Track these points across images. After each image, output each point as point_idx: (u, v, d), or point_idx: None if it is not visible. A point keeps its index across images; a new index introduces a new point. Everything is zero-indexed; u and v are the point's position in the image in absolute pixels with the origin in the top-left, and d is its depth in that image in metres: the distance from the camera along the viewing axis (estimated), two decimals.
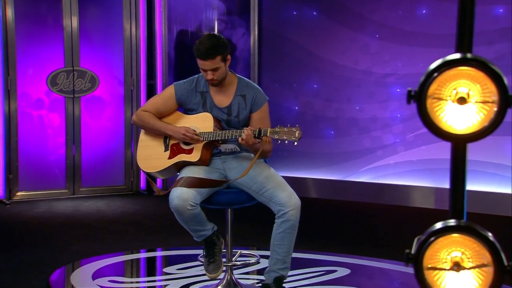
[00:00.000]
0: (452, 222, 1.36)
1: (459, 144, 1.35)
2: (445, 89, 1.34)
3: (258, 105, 3.37)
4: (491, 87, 1.29)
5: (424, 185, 6.21)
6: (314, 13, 6.83)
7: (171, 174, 3.42)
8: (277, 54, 6.98)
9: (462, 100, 1.33)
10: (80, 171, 6.78)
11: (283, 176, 3.30)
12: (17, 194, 6.47)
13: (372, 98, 6.49)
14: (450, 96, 1.34)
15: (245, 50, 6.97)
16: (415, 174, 6.30)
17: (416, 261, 1.34)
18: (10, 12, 6.34)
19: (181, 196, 3.06)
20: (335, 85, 6.69)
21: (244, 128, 3.13)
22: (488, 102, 1.30)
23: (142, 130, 3.48)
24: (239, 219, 3.91)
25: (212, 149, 3.33)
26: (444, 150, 5.82)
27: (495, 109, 1.30)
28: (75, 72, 6.68)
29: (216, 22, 6.96)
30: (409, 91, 1.35)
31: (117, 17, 6.95)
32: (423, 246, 1.34)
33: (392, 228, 5.40)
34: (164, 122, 3.39)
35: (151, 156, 3.39)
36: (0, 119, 6.33)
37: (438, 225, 1.36)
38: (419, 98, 1.35)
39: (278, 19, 6.97)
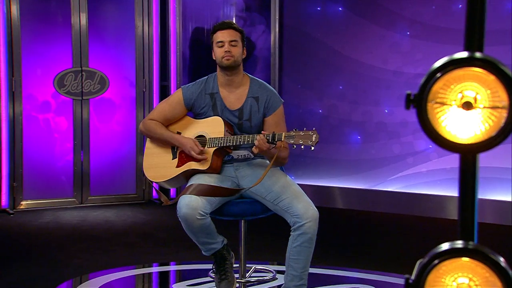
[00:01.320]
0: (459, 243, 1.30)
1: (468, 155, 1.31)
2: (449, 92, 1.29)
3: (273, 108, 3.39)
4: (501, 91, 1.25)
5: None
6: (340, 9, 6.84)
7: (180, 184, 3.46)
8: (300, 53, 6.99)
9: (468, 105, 1.28)
10: (88, 178, 6.86)
11: (306, 185, 3.34)
12: (22, 203, 6.57)
13: (402, 100, 6.46)
14: (455, 100, 1.29)
15: (264, 49, 7.00)
16: (449, 183, 6.25)
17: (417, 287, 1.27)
18: (15, 9, 6.45)
19: (190, 204, 3.09)
20: (362, 86, 6.68)
21: (258, 134, 3.16)
22: (498, 107, 1.26)
23: (148, 139, 3.53)
24: (253, 231, 3.92)
25: (223, 155, 3.35)
26: (480, 157, 5.75)
27: (505, 115, 1.25)
28: (83, 73, 6.76)
29: (234, 19, 7.00)
30: (408, 95, 1.30)
31: (129, 14, 7.03)
32: (425, 271, 1.28)
33: (423, 242, 5.36)
34: (171, 132, 3.43)
35: (158, 164, 3.42)
36: (4, 123, 6.43)
37: (444, 246, 1.31)
38: (419, 102, 1.30)
39: (300, 16, 6.98)
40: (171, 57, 7.10)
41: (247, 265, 3.45)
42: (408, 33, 6.44)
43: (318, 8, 6.94)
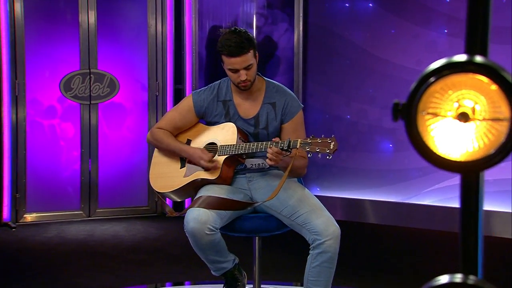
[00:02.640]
0: (458, 277, 1.23)
1: (469, 175, 1.23)
2: (444, 101, 1.21)
3: (291, 114, 3.36)
4: (503, 101, 1.17)
5: (503, 210, 6.06)
6: (370, 5, 6.78)
7: (188, 195, 3.47)
8: (326, 53, 6.95)
9: (465, 117, 1.20)
10: (96, 189, 6.88)
11: (333, 197, 3.31)
12: (25, 216, 6.60)
13: None
14: (450, 110, 1.22)
15: (287, 49, 6.96)
16: (492, 196, 6.15)
17: None
18: (18, 7, 6.49)
19: (199, 218, 3.07)
20: (394, 90, 6.61)
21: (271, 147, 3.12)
22: (499, 119, 1.18)
23: None
24: (268, 248, 3.88)
25: (235, 165, 3.34)
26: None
27: (507, 129, 1.18)
28: (92, 75, 6.79)
29: (254, 16, 6.97)
30: (396, 104, 1.22)
31: (141, 12, 7.04)
32: None
33: None
34: (179, 142, 3.43)
35: (166, 174, 3.43)
36: (6, 129, 6.47)
37: (443, 279, 1.24)
38: (407, 112, 1.22)
39: (327, 13, 6.95)
40: (186, 58, 7.09)
41: (262, 286, 3.42)
42: (445, 30, 6.36)
43: (346, 4, 6.90)
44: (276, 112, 3.36)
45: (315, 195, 3.31)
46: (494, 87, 1.17)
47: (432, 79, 1.21)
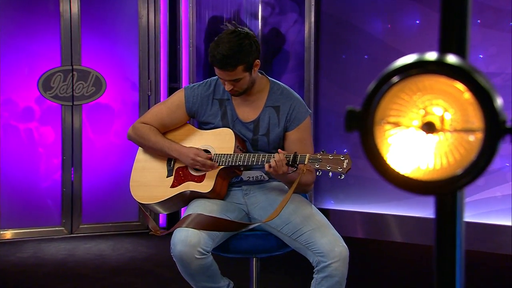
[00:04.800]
0: None
1: (444, 197, 1.16)
2: (406, 109, 1.13)
3: (297, 121, 3.34)
4: (475, 109, 1.10)
5: None
6: None
7: (175, 208, 3.46)
8: (341, 47, 6.93)
9: (430, 128, 1.12)
10: (80, 202, 6.87)
11: (351, 212, 3.29)
12: None
13: None
14: (416, 119, 1.13)
15: (297, 43, 6.94)
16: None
17: None
18: None
19: (187, 240, 3.05)
20: None
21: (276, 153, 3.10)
22: (471, 130, 1.10)
23: (140, 148, 3.51)
24: (267, 271, 3.87)
25: (230, 177, 3.33)
26: None
27: (481, 141, 1.10)
28: (74, 73, 6.79)
29: (259, 5, 6.95)
30: (350, 112, 1.15)
31: (131, 0, 7.04)
32: None
33: (500, 285, 5.25)
34: (168, 139, 3.40)
35: (149, 182, 3.42)
36: None
37: None
38: (362, 122, 1.14)
39: (342, 0, 6.92)
40: (183, 53, 7.09)
41: None
42: (478, 21, 6.32)
43: None
44: (279, 117, 3.34)
45: (329, 209, 3.31)
46: (467, 95, 1.10)
47: (395, 79, 1.12)
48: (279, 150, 3.15)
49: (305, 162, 3.04)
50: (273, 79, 3.44)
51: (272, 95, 3.38)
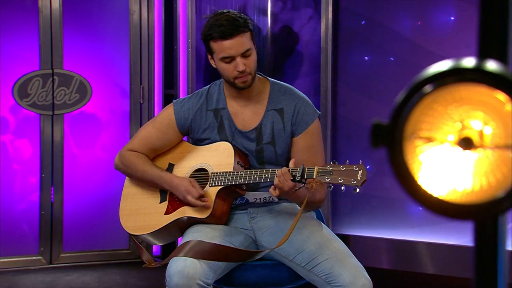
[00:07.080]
0: None
1: (484, 223, 1.14)
2: (440, 122, 1.13)
3: (304, 124, 3.34)
4: None
5: None
6: None
7: (171, 238, 3.48)
8: (362, 48, 6.91)
9: (468, 143, 1.12)
10: (61, 227, 6.87)
11: (375, 238, 3.29)
12: None
13: None
14: (451, 133, 1.13)
15: (312, 43, 6.93)
16: None
17: None
18: None
19: (185, 271, 3.04)
20: None
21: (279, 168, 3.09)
22: None
23: None
24: None
25: (232, 198, 3.33)
26: None
27: None
28: (55, 77, 6.79)
29: (269, 1, 6.95)
30: (376, 125, 1.15)
31: None
32: None
33: None
34: (158, 168, 3.42)
35: (141, 210, 3.43)
36: None
37: None
38: (391, 137, 1.14)
39: None
40: (180, 55, 7.09)
41: None
42: None
43: None
44: (284, 121, 3.34)
45: (349, 235, 3.29)
46: (509, 106, 1.09)
47: (428, 88, 1.13)
48: (291, 161, 3.13)
49: (314, 177, 3.03)
50: (273, 79, 3.45)
51: (273, 97, 3.39)
